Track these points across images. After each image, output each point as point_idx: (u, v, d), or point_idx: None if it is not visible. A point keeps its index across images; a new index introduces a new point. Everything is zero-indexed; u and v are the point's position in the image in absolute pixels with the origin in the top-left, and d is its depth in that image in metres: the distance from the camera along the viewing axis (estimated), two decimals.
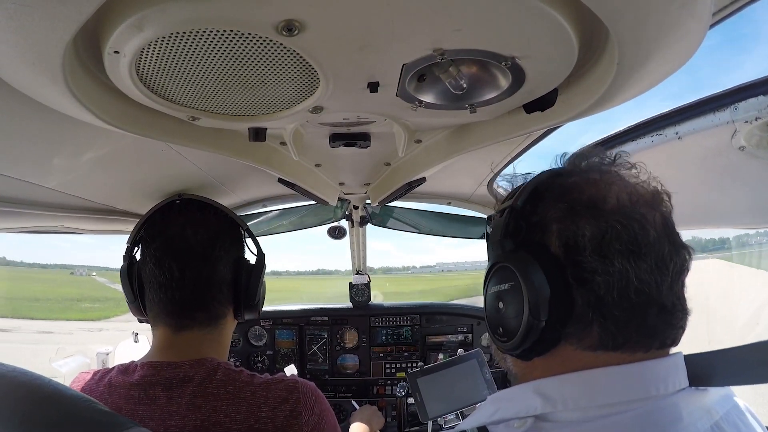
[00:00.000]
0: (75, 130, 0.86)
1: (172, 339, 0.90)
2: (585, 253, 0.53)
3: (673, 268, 0.54)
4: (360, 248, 2.38)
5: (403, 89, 0.75)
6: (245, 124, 0.92)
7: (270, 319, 2.28)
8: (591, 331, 0.54)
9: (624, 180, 0.60)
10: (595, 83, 0.73)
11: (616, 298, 0.52)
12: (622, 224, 0.53)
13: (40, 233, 1.45)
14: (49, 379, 0.60)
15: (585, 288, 0.54)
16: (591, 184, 0.59)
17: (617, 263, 0.52)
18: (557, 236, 0.56)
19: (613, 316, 0.53)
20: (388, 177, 1.52)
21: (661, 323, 0.54)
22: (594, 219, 0.54)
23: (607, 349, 0.54)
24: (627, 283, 0.52)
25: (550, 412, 0.54)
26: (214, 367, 0.83)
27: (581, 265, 0.54)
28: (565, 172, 0.63)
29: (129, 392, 0.81)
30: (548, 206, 0.58)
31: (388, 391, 2.25)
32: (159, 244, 0.91)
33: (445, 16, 0.54)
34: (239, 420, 0.78)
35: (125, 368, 0.86)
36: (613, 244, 0.53)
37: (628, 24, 0.54)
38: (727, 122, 0.72)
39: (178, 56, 0.62)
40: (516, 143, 1.22)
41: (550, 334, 0.55)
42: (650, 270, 0.53)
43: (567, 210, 0.56)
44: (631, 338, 0.54)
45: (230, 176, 1.51)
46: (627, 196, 0.57)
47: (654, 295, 0.53)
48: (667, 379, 0.53)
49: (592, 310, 0.53)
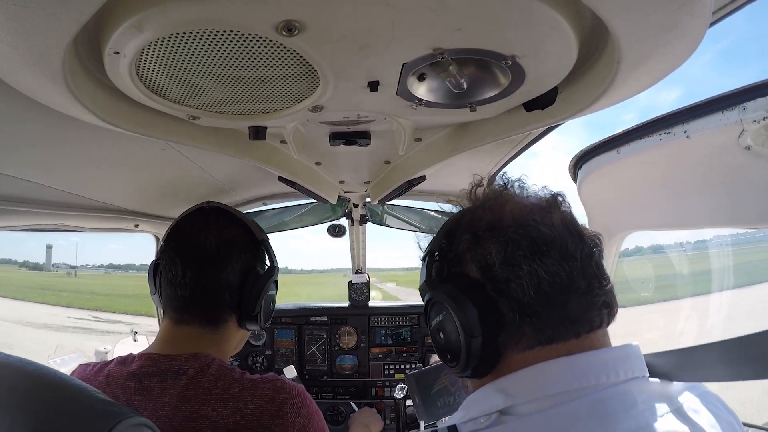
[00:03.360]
0: (76, 130, 0.86)
1: (173, 331, 0.94)
2: (495, 267, 0.60)
3: (581, 254, 0.60)
4: (360, 247, 2.38)
5: (403, 88, 0.75)
6: (245, 123, 0.93)
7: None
8: (523, 332, 0.60)
9: (516, 198, 0.68)
10: (595, 81, 0.73)
11: (533, 295, 0.58)
12: (519, 233, 0.60)
13: (41, 231, 1.46)
14: (51, 368, 0.62)
15: (505, 297, 0.60)
16: (488, 210, 0.67)
17: (525, 266, 0.59)
18: (471, 262, 0.63)
19: (537, 312, 0.58)
20: (388, 175, 1.52)
21: (581, 307, 0.59)
22: (495, 238, 0.61)
23: (542, 344, 0.59)
24: (539, 280, 0.58)
25: (511, 405, 0.59)
26: (208, 362, 0.86)
27: (496, 278, 0.60)
28: (468, 209, 0.71)
29: (126, 382, 0.84)
30: (459, 241, 0.66)
31: (386, 392, 2.24)
32: (174, 245, 0.96)
33: (445, 15, 0.54)
34: (225, 415, 0.80)
35: (124, 359, 0.89)
36: (516, 252, 0.59)
37: (628, 23, 0.54)
38: (735, 122, 0.73)
39: (178, 56, 0.62)
40: (516, 141, 1.22)
41: (490, 347, 0.61)
42: (557, 262, 0.59)
43: (472, 239, 0.64)
44: (558, 328, 0.59)
45: (231, 174, 1.52)
46: (520, 210, 0.64)
47: (566, 282, 0.59)
48: (616, 366, 0.58)
49: (518, 314, 0.59)
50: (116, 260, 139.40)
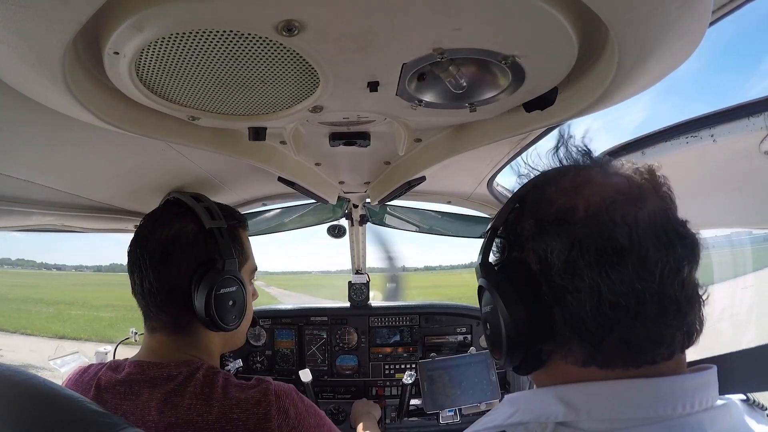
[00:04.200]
0: (75, 130, 0.86)
1: (150, 340, 0.91)
2: (554, 270, 0.52)
3: (662, 271, 0.50)
4: (360, 247, 2.38)
5: (402, 88, 0.75)
6: (245, 124, 0.92)
7: (269, 318, 2.28)
8: (572, 347, 0.53)
9: (599, 177, 0.56)
10: (595, 82, 0.73)
11: (589, 314, 0.50)
12: (589, 233, 0.50)
13: (40, 232, 1.46)
14: (43, 379, 0.61)
15: (560, 306, 0.52)
16: (561, 194, 0.56)
17: (587, 278, 0.50)
18: (532, 254, 0.55)
19: (591, 333, 0.51)
20: (388, 176, 1.52)
21: (647, 337, 0.50)
22: (560, 234, 0.52)
23: (598, 366, 0.52)
24: (600, 299, 0.50)
25: (572, 420, 0.52)
26: (196, 368, 0.84)
27: (553, 283, 0.52)
28: (539, 182, 0.61)
29: (115, 387, 0.83)
30: (523, 224, 0.57)
31: (387, 392, 2.24)
32: (129, 250, 0.91)
33: (445, 15, 0.54)
34: (210, 420, 0.78)
35: (116, 366, 0.88)
36: (580, 258, 0.50)
37: (628, 23, 0.54)
38: (760, 128, 0.74)
39: (178, 57, 0.62)
40: (516, 142, 1.22)
41: (535, 353, 0.55)
42: (628, 279, 0.49)
43: (536, 227, 0.55)
44: (615, 356, 0.51)
45: (230, 175, 1.52)
46: (598, 199, 0.53)
47: (633, 306, 0.49)
48: (694, 396, 0.50)
49: (569, 328, 0.52)
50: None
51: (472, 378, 1.91)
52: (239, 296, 0.92)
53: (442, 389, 1.88)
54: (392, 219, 2.34)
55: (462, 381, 1.90)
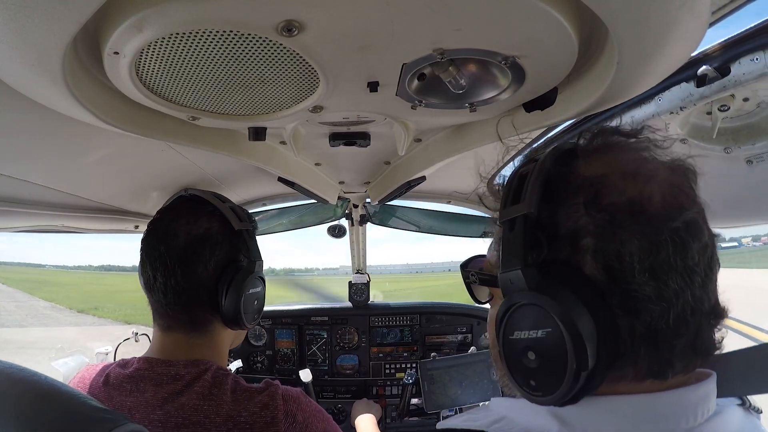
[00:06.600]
0: (75, 131, 0.86)
1: (162, 338, 0.90)
2: (631, 274, 0.42)
3: (711, 267, 0.45)
4: (360, 247, 2.38)
5: (402, 89, 0.75)
6: (245, 124, 0.92)
7: (269, 318, 2.28)
8: (637, 365, 0.45)
9: (662, 165, 0.46)
10: (595, 82, 0.73)
11: (671, 324, 0.42)
12: (675, 233, 0.42)
13: (40, 233, 1.46)
14: (44, 375, 0.61)
15: (633, 317, 0.42)
16: (628, 178, 0.44)
17: (672, 283, 0.42)
18: (593, 254, 0.43)
19: (669, 344, 0.43)
20: (388, 176, 1.52)
21: (708, 337, 0.46)
22: (640, 231, 0.42)
23: (654, 377, 0.45)
24: (683, 305, 0.42)
25: None
26: (205, 369, 0.84)
27: (628, 291, 0.42)
28: (581, 150, 0.48)
29: (122, 383, 0.83)
30: (574, 211, 0.44)
31: (387, 392, 2.25)
32: (144, 245, 0.90)
33: (445, 15, 0.54)
34: (218, 423, 0.78)
35: (125, 363, 0.88)
36: (667, 262, 0.41)
37: (628, 23, 0.54)
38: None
39: (178, 57, 0.62)
40: (516, 142, 1.22)
41: (595, 380, 0.43)
42: (702, 282, 0.43)
43: (605, 219, 0.43)
44: (677, 363, 0.45)
45: (230, 175, 1.52)
46: (670, 189, 0.44)
47: (706, 310, 0.44)
48: (697, 408, 0.46)
49: (642, 343, 0.43)
50: None
51: (472, 378, 1.92)
52: (262, 296, 0.99)
53: (443, 389, 1.89)
54: (392, 219, 2.35)
55: (462, 381, 1.91)
